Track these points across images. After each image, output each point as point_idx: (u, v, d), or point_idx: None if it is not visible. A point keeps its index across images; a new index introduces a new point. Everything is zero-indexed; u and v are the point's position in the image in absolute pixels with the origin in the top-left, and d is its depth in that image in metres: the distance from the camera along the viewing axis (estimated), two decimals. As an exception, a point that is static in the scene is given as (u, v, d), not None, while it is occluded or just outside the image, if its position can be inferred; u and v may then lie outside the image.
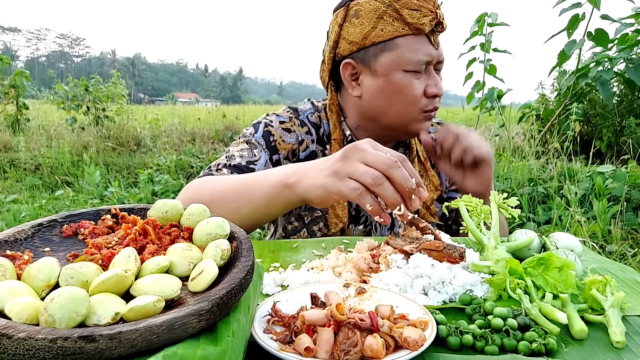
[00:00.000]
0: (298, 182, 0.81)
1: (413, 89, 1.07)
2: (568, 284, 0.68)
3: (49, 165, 5.54)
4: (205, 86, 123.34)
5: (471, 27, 4.65)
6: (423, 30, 1.04)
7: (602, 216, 2.77)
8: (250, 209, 0.87)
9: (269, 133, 1.13)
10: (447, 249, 0.76)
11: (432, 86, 1.08)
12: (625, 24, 3.92)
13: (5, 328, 0.37)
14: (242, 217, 0.87)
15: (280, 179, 0.84)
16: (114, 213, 0.60)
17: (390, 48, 1.06)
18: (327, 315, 0.54)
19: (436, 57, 1.08)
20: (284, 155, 1.14)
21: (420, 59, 1.05)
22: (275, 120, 1.16)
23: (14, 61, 21.98)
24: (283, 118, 1.17)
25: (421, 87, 1.08)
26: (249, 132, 1.15)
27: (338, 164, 0.77)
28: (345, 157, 0.77)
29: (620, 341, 0.58)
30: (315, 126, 1.18)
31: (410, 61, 1.06)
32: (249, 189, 0.88)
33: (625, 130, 4.52)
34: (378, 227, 1.19)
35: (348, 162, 0.76)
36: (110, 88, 7.80)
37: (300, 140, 1.16)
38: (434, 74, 1.09)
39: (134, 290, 0.45)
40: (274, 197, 0.85)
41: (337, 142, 1.16)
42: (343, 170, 0.76)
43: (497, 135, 5.35)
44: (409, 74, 1.06)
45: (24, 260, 0.49)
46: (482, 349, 0.56)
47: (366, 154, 0.75)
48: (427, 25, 1.04)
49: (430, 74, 1.09)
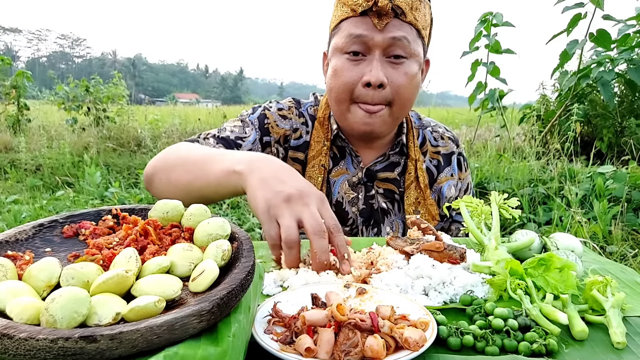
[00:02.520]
0: (244, 175, 0.81)
1: (344, 73, 1.03)
2: (569, 285, 0.68)
3: (49, 166, 5.55)
4: (206, 87, 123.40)
5: (475, 27, 4.64)
6: (356, 10, 1.01)
7: (602, 217, 2.77)
8: (202, 184, 0.89)
9: (264, 116, 1.15)
10: (448, 250, 0.76)
11: (367, 73, 1.01)
12: (628, 25, 3.92)
13: (6, 328, 0.37)
14: (195, 190, 0.90)
15: (232, 163, 0.84)
16: (115, 213, 0.60)
17: (336, 32, 1.07)
18: (328, 315, 0.54)
19: (379, 39, 1.01)
20: (275, 138, 1.15)
21: (351, 32, 1.01)
22: (275, 107, 1.18)
23: (15, 62, 22.06)
24: (282, 106, 1.19)
25: (356, 74, 1.03)
26: (247, 112, 1.18)
27: (279, 202, 0.75)
28: (288, 199, 0.75)
29: (621, 342, 0.58)
30: (312, 119, 1.19)
31: (343, 39, 1.03)
32: (206, 165, 0.89)
33: (625, 131, 4.52)
34: (364, 231, 1.18)
35: (287, 207, 0.74)
36: (110, 89, 7.81)
37: (294, 128, 1.17)
38: (375, 61, 1.02)
39: (135, 291, 0.45)
40: (224, 180, 0.85)
41: (319, 122, 1.16)
42: (275, 212, 0.75)
43: (498, 135, 5.35)
44: (346, 58, 1.03)
45: (25, 261, 0.50)
46: (483, 350, 0.56)
47: (304, 211, 0.74)
48: (360, 6, 1.00)
49: (372, 61, 1.02)
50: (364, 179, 1.17)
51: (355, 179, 1.17)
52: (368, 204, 1.17)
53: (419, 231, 0.85)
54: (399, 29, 1.01)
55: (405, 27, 1.02)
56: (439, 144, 1.24)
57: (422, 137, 1.24)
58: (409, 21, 1.02)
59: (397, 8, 1.00)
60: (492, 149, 4.62)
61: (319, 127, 1.16)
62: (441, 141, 1.25)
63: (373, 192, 1.17)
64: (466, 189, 1.27)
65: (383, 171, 1.18)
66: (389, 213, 1.18)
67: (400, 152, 1.20)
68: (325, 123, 1.16)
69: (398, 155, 1.20)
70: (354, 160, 1.17)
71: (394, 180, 1.19)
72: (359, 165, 1.17)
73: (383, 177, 1.18)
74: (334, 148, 1.17)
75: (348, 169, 1.18)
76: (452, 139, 1.27)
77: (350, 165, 1.18)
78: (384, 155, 1.18)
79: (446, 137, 1.26)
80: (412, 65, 1.05)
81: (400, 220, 1.19)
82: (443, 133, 1.27)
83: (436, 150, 1.24)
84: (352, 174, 1.17)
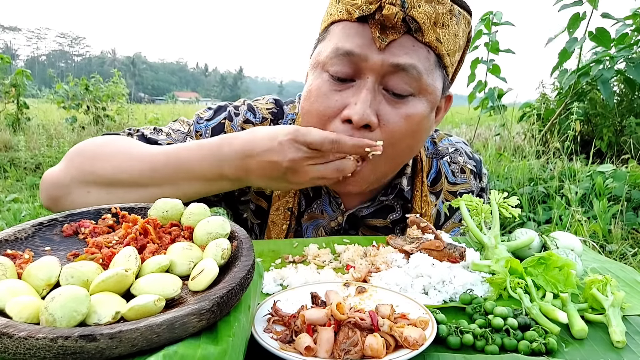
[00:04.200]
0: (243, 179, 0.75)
1: (320, 100, 0.76)
2: (568, 284, 0.68)
3: (49, 165, 5.54)
4: (206, 85, 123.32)
5: (475, 25, 4.65)
6: (352, 13, 0.73)
7: (602, 216, 2.77)
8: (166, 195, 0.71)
9: (221, 127, 0.91)
10: (448, 249, 0.76)
11: (350, 105, 0.74)
12: (626, 24, 3.92)
13: (6, 327, 0.37)
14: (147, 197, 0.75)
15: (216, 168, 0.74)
16: (115, 212, 0.60)
17: (325, 37, 0.81)
18: (328, 314, 0.54)
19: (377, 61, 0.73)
20: None
21: (339, 47, 0.74)
22: (242, 116, 0.93)
23: (14, 60, 21.92)
24: (253, 117, 0.94)
25: (336, 103, 0.76)
26: (203, 115, 0.94)
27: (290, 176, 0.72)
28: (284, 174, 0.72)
29: (621, 341, 0.58)
30: None
31: (328, 51, 0.76)
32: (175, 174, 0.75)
33: (625, 129, 4.52)
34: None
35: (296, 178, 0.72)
36: (110, 87, 7.80)
37: None
38: (366, 91, 0.74)
39: (135, 290, 0.45)
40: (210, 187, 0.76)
41: None
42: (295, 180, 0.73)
43: (498, 134, 5.35)
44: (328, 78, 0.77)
45: (25, 260, 0.49)
46: (483, 349, 0.56)
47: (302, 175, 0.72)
48: (358, 8, 0.72)
49: (361, 90, 0.74)
50: (345, 225, 0.92)
51: (334, 223, 0.92)
52: None
53: (419, 230, 0.85)
54: (408, 53, 0.73)
55: (420, 50, 0.74)
56: (457, 181, 0.96)
57: (435, 171, 0.95)
58: (428, 42, 0.74)
59: (412, 21, 0.71)
60: (492, 148, 4.62)
61: None
62: (461, 176, 0.96)
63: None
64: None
65: (372, 217, 0.93)
66: None
67: (399, 195, 0.93)
68: None
69: (395, 198, 0.93)
70: (332, 201, 0.92)
71: (386, 229, 0.93)
72: (339, 208, 0.92)
73: (371, 224, 0.93)
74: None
75: (325, 212, 0.92)
76: (474, 171, 0.98)
77: (327, 207, 0.92)
78: (374, 200, 0.92)
79: (468, 170, 0.97)
80: (419, 105, 0.77)
81: None
82: (465, 164, 0.98)
83: (453, 189, 0.96)
84: (329, 217, 0.93)
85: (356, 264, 0.78)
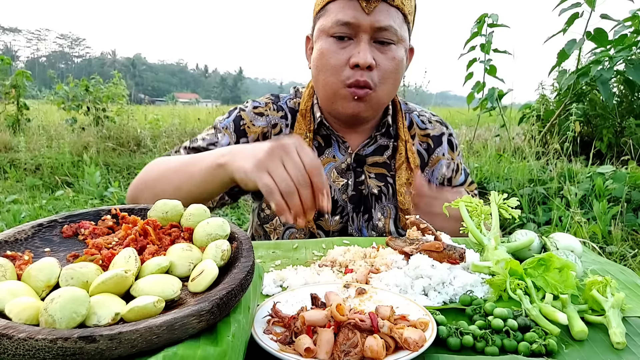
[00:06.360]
0: (229, 163, 0.84)
1: (332, 56, 1.04)
2: (568, 285, 0.68)
3: (49, 166, 5.54)
4: (206, 86, 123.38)
5: (471, 27, 4.66)
6: None
7: (602, 217, 2.77)
8: (190, 186, 0.92)
9: (239, 117, 1.16)
10: (447, 250, 0.76)
11: (355, 55, 1.02)
12: (625, 26, 3.92)
13: (6, 328, 0.37)
14: (184, 193, 0.91)
15: (214, 158, 0.88)
16: (114, 213, 0.60)
17: (323, 14, 1.07)
18: (328, 315, 0.54)
19: (367, 24, 1.02)
20: (253, 137, 1.15)
21: (339, 19, 1.02)
22: (250, 105, 1.19)
23: (14, 61, 22.01)
24: (258, 104, 1.19)
25: (343, 56, 1.04)
26: (222, 117, 1.18)
27: (264, 156, 0.78)
28: (271, 152, 0.77)
29: (621, 342, 0.58)
30: (292, 111, 1.19)
31: (330, 23, 1.03)
32: (188, 167, 0.93)
33: (625, 131, 4.52)
34: (355, 218, 1.16)
35: (272, 158, 0.77)
36: (110, 88, 7.80)
37: (273, 124, 1.17)
38: (363, 43, 1.03)
39: (134, 291, 0.45)
40: (209, 176, 0.89)
41: (301, 114, 1.16)
42: (264, 164, 0.77)
43: (498, 135, 5.35)
44: (333, 41, 1.04)
45: (24, 261, 0.49)
46: (483, 350, 0.56)
47: (287, 160, 0.76)
48: None
49: (359, 43, 1.03)
50: (353, 164, 1.17)
51: (344, 165, 1.17)
52: (358, 190, 1.16)
53: (419, 231, 0.85)
54: (386, 13, 1.03)
55: (393, 11, 1.04)
56: (428, 127, 1.25)
57: (409, 121, 1.25)
58: (396, 5, 1.04)
59: None
60: (491, 149, 4.63)
61: (301, 120, 1.15)
62: (429, 124, 1.25)
63: (363, 177, 1.17)
64: (457, 169, 1.26)
65: (372, 155, 1.19)
66: (380, 198, 1.17)
67: (387, 134, 1.20)
68: (308, 115, 1.15)
69: (386, 137, 1.20)
70: (341, 146, 1.18)
71: (384, 164, 1.19)
72: (347, 151, 1.17)
73: (372, 161, 1.19)
74: (318, 137, 1.17)
75: (336, 156, 1.18)
76: (440, 122, 1.28)
77: (337, 152, 1.18)
78: (371, 138, 1.18)
79: (434, 121, 1.27)
80: (399, 51, 1.07)
81: (392, 205, 1.18)
82: (430, 117, 1.28)
83: (425, 133, 1.24)
84: (340, 160, 1.17)
85: (356, 266, 0.78)
